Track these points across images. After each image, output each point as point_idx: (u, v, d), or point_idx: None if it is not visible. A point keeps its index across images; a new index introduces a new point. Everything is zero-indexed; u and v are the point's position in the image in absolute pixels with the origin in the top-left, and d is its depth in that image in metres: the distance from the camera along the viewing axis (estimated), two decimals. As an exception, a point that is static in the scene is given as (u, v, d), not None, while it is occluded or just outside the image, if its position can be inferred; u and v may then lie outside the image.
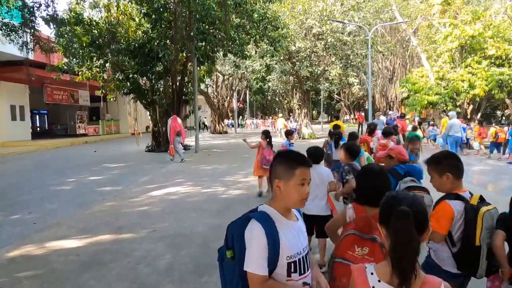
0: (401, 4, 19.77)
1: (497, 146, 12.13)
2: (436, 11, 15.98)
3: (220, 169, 10.86)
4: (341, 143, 6.25)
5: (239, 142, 22.59)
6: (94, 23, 14.12)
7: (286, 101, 47.95)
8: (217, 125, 31.24)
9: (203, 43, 14.06)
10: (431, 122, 23.89)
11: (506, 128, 12.29)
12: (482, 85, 13.81)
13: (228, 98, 33.31)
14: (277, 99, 46.47)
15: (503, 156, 11.88)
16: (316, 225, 3.71)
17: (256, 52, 16.74)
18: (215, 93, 31.31)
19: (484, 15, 14.97)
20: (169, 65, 14.93)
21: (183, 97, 17.30)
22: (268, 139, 7.00)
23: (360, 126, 25.87)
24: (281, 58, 19.85)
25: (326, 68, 20.21)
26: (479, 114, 16.50)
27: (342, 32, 18.97)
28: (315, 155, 3.94)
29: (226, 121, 39.46)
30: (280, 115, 36.24)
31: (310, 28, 19.27)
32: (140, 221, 5.64)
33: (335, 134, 6.49)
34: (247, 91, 42.05)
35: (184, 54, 16.26)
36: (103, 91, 17.90)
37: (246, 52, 14.59)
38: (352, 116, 48.17)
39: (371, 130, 7.26)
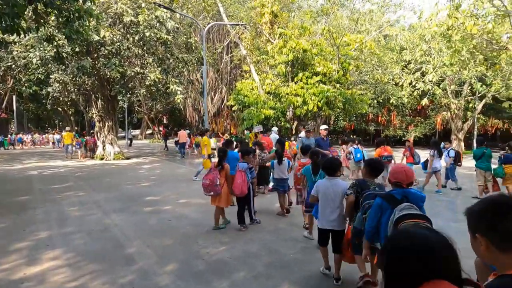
0: (230, 8, 18.13)
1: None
2: (267, 21, 15.07)
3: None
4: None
5: (13, 170, 14.37)
6: None
7: (71, 112, 38.81)
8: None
9: None
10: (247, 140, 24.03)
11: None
12: (315, 101, 13.62)
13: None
14: (59, 109, 36.75)
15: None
16: (332, 239, 3.64)
17: (37, 30, 10.34)
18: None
19: (311, 31, 15.20)
20: None
21: None
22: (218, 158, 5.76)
23: (166, 141, 25.60)
24: (77, 49, 14.12)
25: (140, 70, 15.89)
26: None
27: (159, 29, 15.33)
28: (331, 167, 3.78)
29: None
30: (68, 128, 28.60)
31: (120, 15, 14.61)
32: None
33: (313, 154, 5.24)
34: (14, 96, 31.01)
35: None
36: None
37: (22, 24, 8.36)
38: (156, 130, 45.36)
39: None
